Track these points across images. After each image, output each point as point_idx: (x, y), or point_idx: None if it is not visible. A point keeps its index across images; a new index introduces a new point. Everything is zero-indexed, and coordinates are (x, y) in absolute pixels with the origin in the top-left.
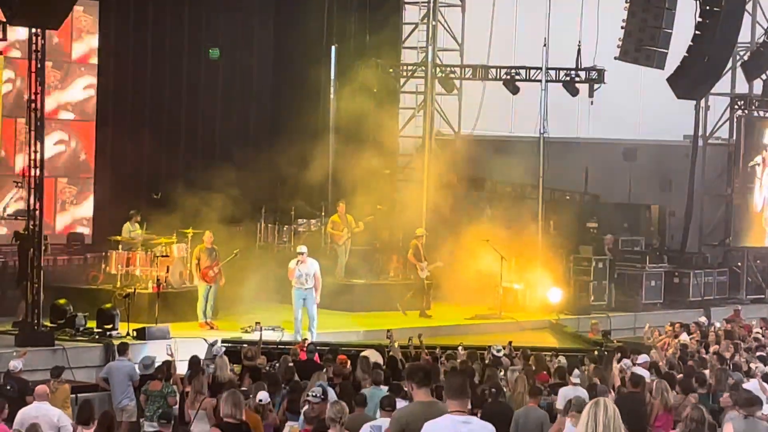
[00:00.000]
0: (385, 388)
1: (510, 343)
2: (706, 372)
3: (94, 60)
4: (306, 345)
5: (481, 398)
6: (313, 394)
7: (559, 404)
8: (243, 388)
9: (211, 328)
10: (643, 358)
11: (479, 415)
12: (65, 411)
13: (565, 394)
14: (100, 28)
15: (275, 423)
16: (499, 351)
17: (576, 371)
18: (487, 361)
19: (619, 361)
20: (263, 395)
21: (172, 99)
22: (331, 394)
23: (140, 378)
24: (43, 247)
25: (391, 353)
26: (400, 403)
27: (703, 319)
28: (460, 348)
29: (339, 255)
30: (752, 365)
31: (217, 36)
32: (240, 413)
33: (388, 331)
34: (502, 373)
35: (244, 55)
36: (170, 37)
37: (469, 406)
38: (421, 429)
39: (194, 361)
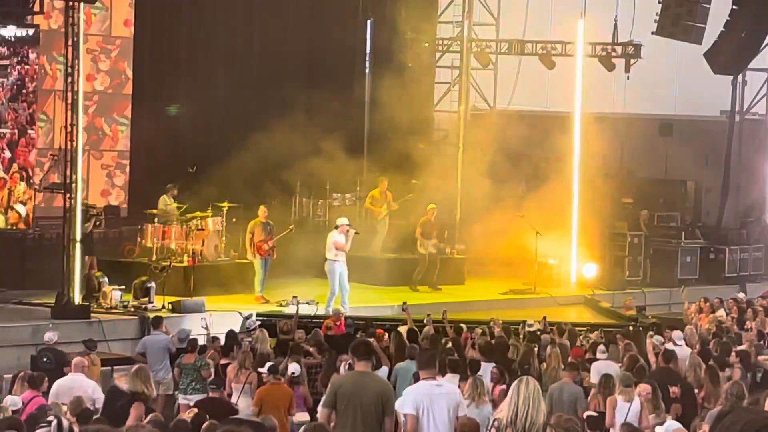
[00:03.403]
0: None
1: (544, 318)
2: (743, 348)
3: (130, 33)
4: (344, 319)
5: (514, 374)
6: (345, 367)
7: (593, 378)
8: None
9: (266, 302)
10: (679, 334)
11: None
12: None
13: (597, 368)
14: (136, 3)
15: (305, 395)
16: (532, 326)
17: (601, 347)
18: (521, 336)
19: (651, 338)
20: (294, 367)
21: (207, 73)
22: (383, 371)
23: (176, 351)
24: (93, 221)
25: (425, 327)
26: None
27: (741, 295)
28: (492, 322)
29: (378, 230)
30: None
31: (252, 10)
32: (147, 388)
33: (404, 303)
34: (536, 349)
35: (279, 30)
36: (205, 12)
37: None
38: (351, 391)
39: (231, 335)
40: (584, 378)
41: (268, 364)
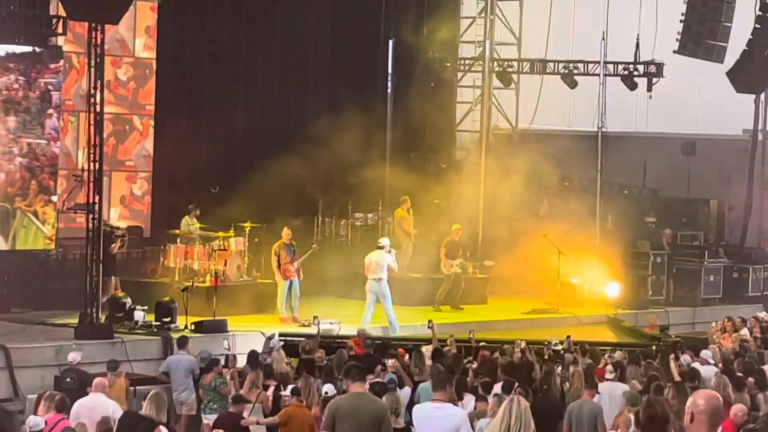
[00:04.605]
0: None
1: (568, 337)
2: (766, 368)
3: (152, 54)
4: (365, 339)
5: (537, 393)
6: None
7: (595, 398)
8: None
9: (295, 321)
10: (708, 353)
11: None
12: (120, 405)
13: (601, 389)
14: (158, 21)
15: None
16: (557, 345)
17: (609, 367)
18: (546, 356)
19: (677, 357)
20: (329, 387)
21: (229, 92)
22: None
23: (200, 372)
24: (119, 243)
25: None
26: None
27: (764, 314)
28: (516, 342)
29: (405, 252)
30: None
31: (274, 30)
32: (162, 415)
33: (429, 321)
34: (559, 368)
35: (302, 50)
36: (228, 30)
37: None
38: (349, 412)
39: (253, 356)
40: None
41: (290, 387)
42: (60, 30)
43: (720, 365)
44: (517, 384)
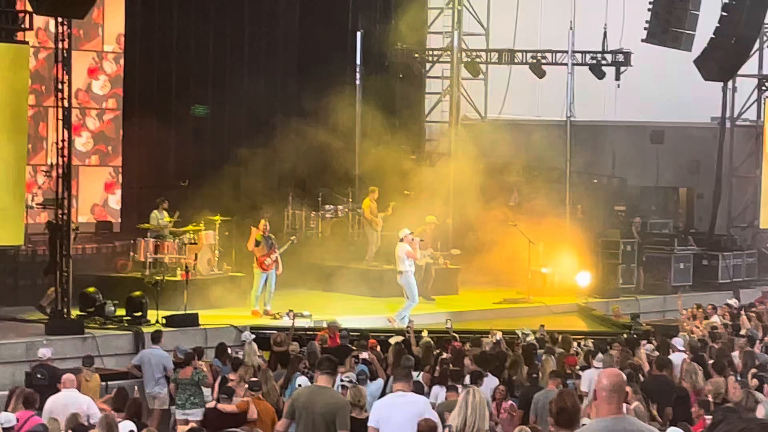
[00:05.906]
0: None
1: (542, 326)
2: (735, 354)
3: (120, 48)
4: (340, 330)
5: (510, 383)
6: (348, 379)
7: (584, 387)
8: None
9: (267, 314)
10: (679, 340)
11: (518, 398)
12: (95, 400)
13: (588, 376)
14: (126, 15)
15: None
16: (527, 335)
17: (600, 355)
18: (517, 346)
19: (644, 346)
20: (302, 380)
21: (198, 85)
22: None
23: (174, 367)
24: (72, 236)
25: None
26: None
27: (734, 302)
28: (492, 332)
29: (371, 241)
30: None
31: (242, 25)
32: None
33: (410, 321)
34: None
35: (270, 42)
36: (195, 22)
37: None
38: (304, 405)
39: (221, 349)
40: (578, 385)
41: (250, 380)
42: (27, 25)
43: (689, 353)
44: (490, 374)
